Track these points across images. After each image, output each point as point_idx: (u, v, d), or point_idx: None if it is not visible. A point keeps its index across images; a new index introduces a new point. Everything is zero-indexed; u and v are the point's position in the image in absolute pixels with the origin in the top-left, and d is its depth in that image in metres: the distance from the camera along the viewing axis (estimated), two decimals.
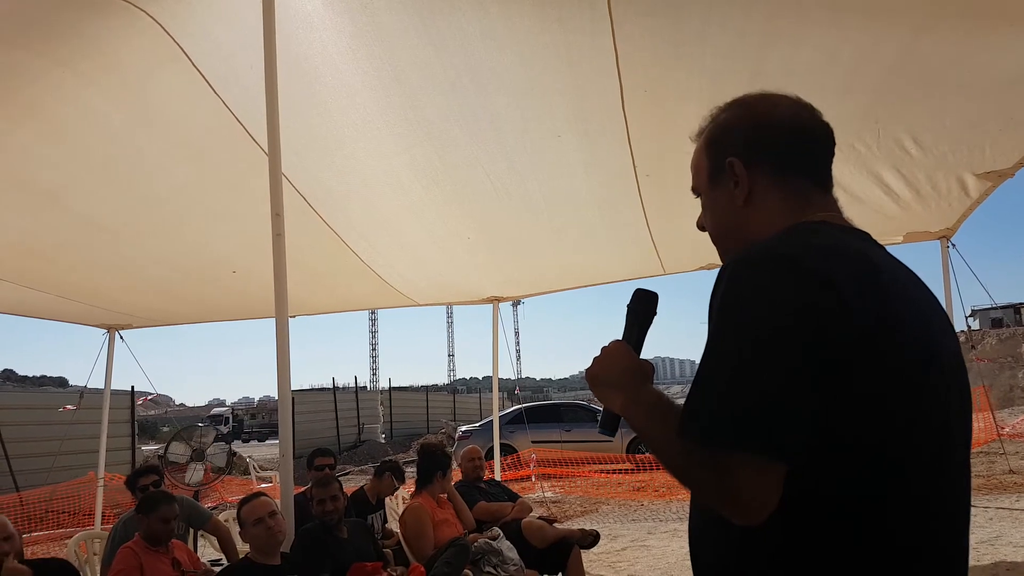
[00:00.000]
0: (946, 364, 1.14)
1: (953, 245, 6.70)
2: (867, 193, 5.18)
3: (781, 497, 1.03)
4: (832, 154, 1.30)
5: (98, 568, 4.90)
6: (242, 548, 4.65)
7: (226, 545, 5.11)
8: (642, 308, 1.35)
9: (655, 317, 1.36)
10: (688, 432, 1.07)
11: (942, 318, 1.19)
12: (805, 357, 1.01)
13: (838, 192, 1.31)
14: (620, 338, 1.34)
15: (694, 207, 1.40)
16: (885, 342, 1.04)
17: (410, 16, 3.68)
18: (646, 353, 1.34)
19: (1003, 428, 14.57)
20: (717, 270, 1.17)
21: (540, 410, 16.89)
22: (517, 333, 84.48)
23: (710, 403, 1.06)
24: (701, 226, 1.38)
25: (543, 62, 3.98)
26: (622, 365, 1.27)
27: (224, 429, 33.50)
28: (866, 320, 1.04)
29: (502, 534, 4.87)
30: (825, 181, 1.28)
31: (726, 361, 1.06)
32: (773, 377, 1.01)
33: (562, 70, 4.04)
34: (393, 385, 34.11)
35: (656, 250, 6.57)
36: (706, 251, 1.22)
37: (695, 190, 1.38)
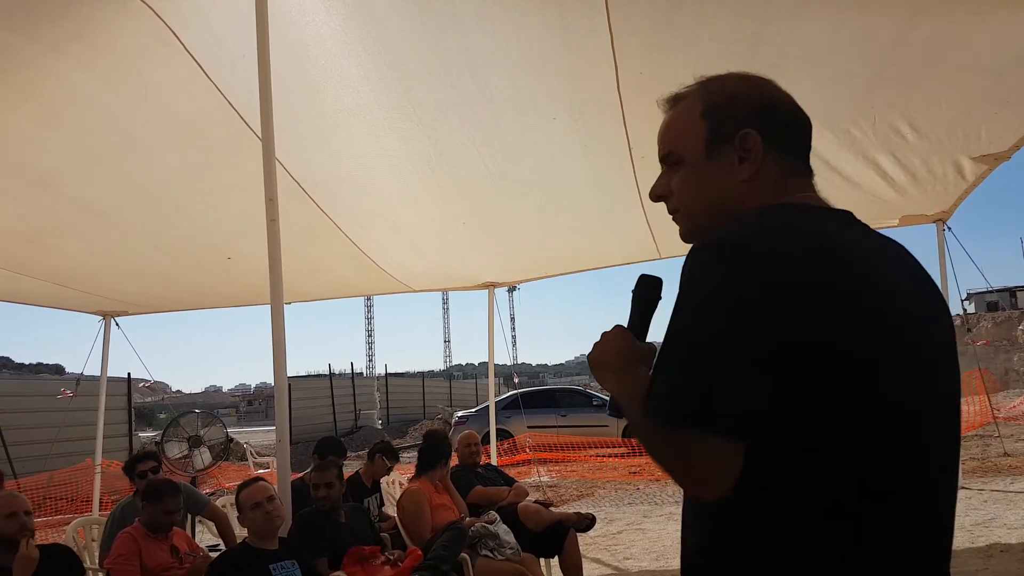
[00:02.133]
0: (933, 347, 1.13)
1: (949, 228, 6.71)
2: (863, 177, 5.17)
3: (756, 478, 1.05)
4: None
5: (96, 554, 4.91)
6: (240, 533, 4.67)
7: (224, 530, 5.13)
8: (645, 294, 1.35)
9: (659, 302, 1.36)
10: (650, 411, 1.11)
11: (931, 302, 1.18)
12: (754, 341, 1.04)
13: (833, 176, 1.31)
14: (624, 324, 1.35)
15: None
16: (845, 324, 1.05)
17: None
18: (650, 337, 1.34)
19: (998, 411, 14.65)
20: None
21: (536, 395, 16.95)
22: (513, 319, 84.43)
23: (667, 383, 1.10)
24: (659, 197, 1.32)
25: (538, 44, 3.96)
26: (618, 349, 1.28)
27: None
28: (820, 303, 1.04)
29: (499, 518, 4.89)
30: (808, 164, 1.29)
31: (682, 343, 1.10)
32: (722, 360, 1.05)
33: (557, 52, 4.02)
34: (389, 371, 34.07)
35: (652, 234, 6.57)
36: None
37: (672, 158, 1.30)
